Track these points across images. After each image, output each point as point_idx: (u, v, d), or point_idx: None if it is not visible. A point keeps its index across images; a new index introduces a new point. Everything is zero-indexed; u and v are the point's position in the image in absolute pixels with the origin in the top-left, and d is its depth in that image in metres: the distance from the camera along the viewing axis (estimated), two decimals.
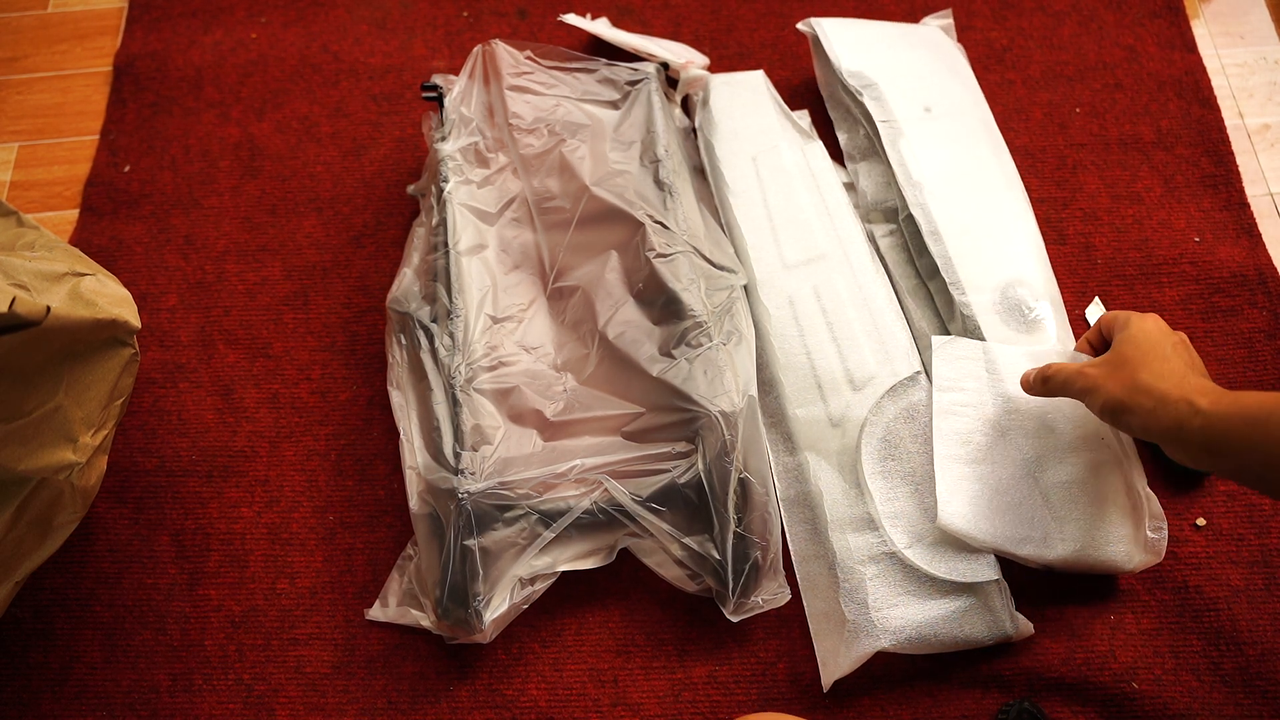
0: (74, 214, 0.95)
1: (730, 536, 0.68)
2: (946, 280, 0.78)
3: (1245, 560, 0.74)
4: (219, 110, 0.99)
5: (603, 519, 0.69)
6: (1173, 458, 0.61)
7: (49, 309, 0.59)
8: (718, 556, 0.68)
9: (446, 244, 0.78)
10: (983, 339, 0.75)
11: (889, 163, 0.84)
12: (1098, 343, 0.71)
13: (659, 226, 0.78)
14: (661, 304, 0.76)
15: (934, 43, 0.94)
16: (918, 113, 0.87)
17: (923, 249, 0.80)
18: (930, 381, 0.75)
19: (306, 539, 0.78)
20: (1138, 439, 0.73)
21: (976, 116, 0.90)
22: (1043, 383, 0.68)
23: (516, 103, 0.85)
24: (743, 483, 0.69)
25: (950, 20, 0.97)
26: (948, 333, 0.78)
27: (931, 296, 0.81)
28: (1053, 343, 0.76)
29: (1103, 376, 0.63)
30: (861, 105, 0.87)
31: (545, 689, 0.72)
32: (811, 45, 0.94)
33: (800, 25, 0.94)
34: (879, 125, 0.86)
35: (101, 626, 0.75)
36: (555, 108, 0.85)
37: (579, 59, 0.88)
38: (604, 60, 0.88)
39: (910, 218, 0.82)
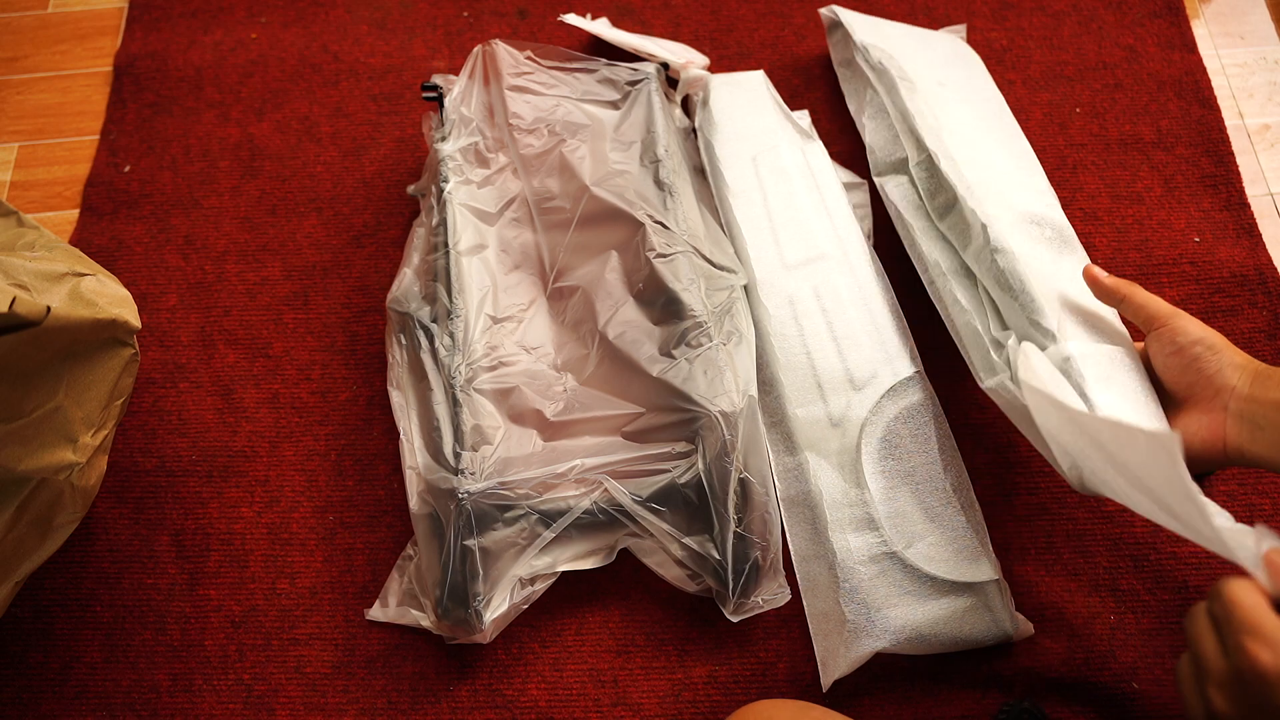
0: (74, 214, 0.95)
1: (730, 536, 0.68)
2: (965, 204, 0.72)
3: None
4: (219, 110, 0.99)
5: (603, 519, 0.69)
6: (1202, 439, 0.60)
7: (49, 309, 0.59)
8: (718, 556, 0.68)
9: (446, 244, 0.78)
10: (1006, 250, 0.69)
11: (902, 113, 0.81)
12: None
13: (659, 226, 0.78)
14: (661, 304, 0.76)
15: (951, 43, 0.94)
16: (933, 85, 0.86)
17: (936, 189, 0.76)
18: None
19: (306, 539, 0.78)
20: None
21: (992, 100, 0.89)
22: (1117, 291, 0.65)
23: (516, 103, 0.85)
24: (743, 483, 0.69)
25: (964, 32, 0.98)
26: (963, 263, 0.74)
27: (944, 235, 0.76)
28: (1082, 256, 0.75)
29: (1182, 314, 0.63)
30: (875, 67, 0.85)
31: (545, 689, 0.72)
32: (828, 30, 0.95)
33: (822, 10, 0.94)
34: (896, 81, 0.83)
35: (101, 626, 0.75)
36: (555, 108, 0.85)
37: (579, 59, 0.88)
38: (604, 60, 0.88)
39: (923, 162, 0.78)
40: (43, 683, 0.73)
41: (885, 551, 0.70)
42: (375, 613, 0.74)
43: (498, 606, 0.68)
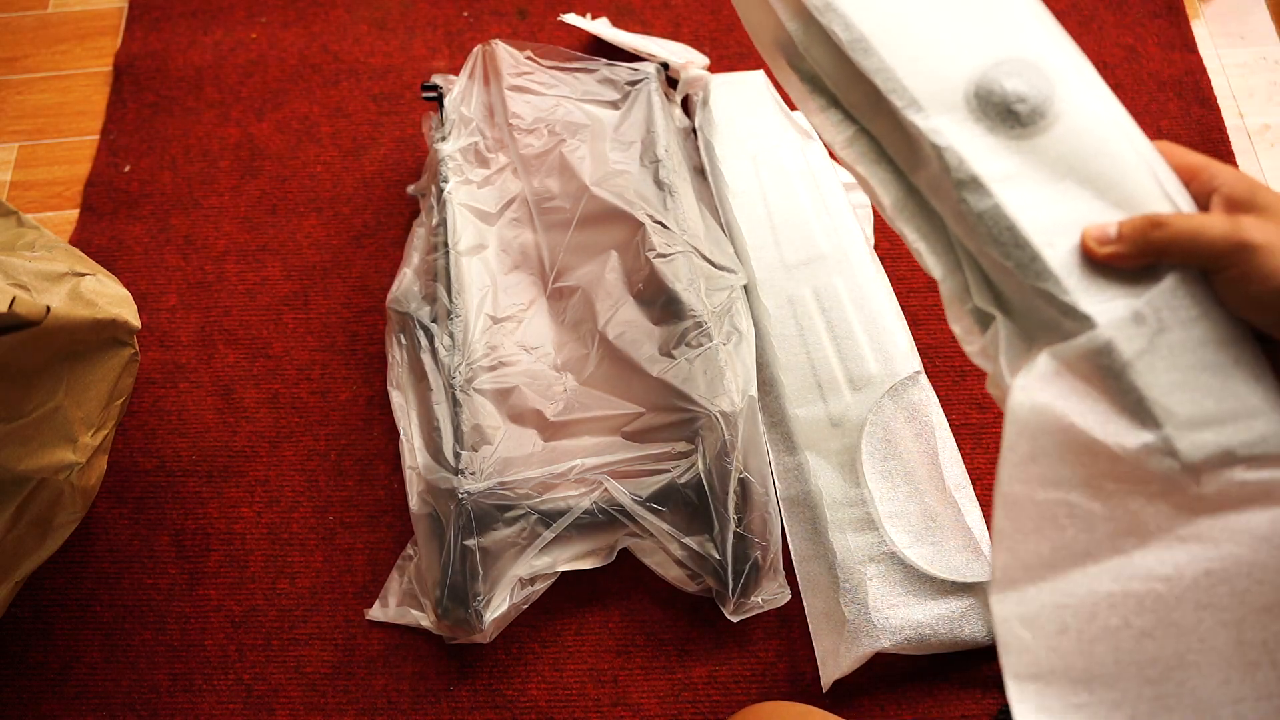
0: (74, 214, 0.95)
1: (730, 536, 0.68)
2: (894, 104, 0.46)
3: None
4: (219, 110, 0.99)
5: (603, 519, 0.69)
6: None
7: (49, 309, 0.59)
8: (718, 556, 0.68)
9: (446, 244, 0.78)
10: (969, 178, 0.44)
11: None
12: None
13: (659, 226, 0.78)
14: (661, 304, 0.76)
15: None
16: None
17: (852, 79, 0.49)
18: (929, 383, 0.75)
19: (306, 539, 0.78)
20: None
21: None
22: (1150, 230, 0.40)
23: (516, 103, 0.85)
24: (743, 483, 0.69)
25: None
26: (914, 191, 0.49)
27: (884, 154, 0.50)
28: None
29: (1272, 229, 0.38)
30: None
31: (545, 689, 0.72)
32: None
33: None
34: None
35: (101, 626, 0.75)
36: (555, 108, 0.85)
37: (579, 59, 0.88)
38: (604, 60, 0.88)
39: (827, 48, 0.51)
40: (43, 683, 0.73)
41: (885, 551, 0.70)
42: (375, 613, 0.74)
43: (498, 606, 0.68)
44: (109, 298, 0.68)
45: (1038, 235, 0.41)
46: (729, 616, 0.69)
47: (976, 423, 0.80)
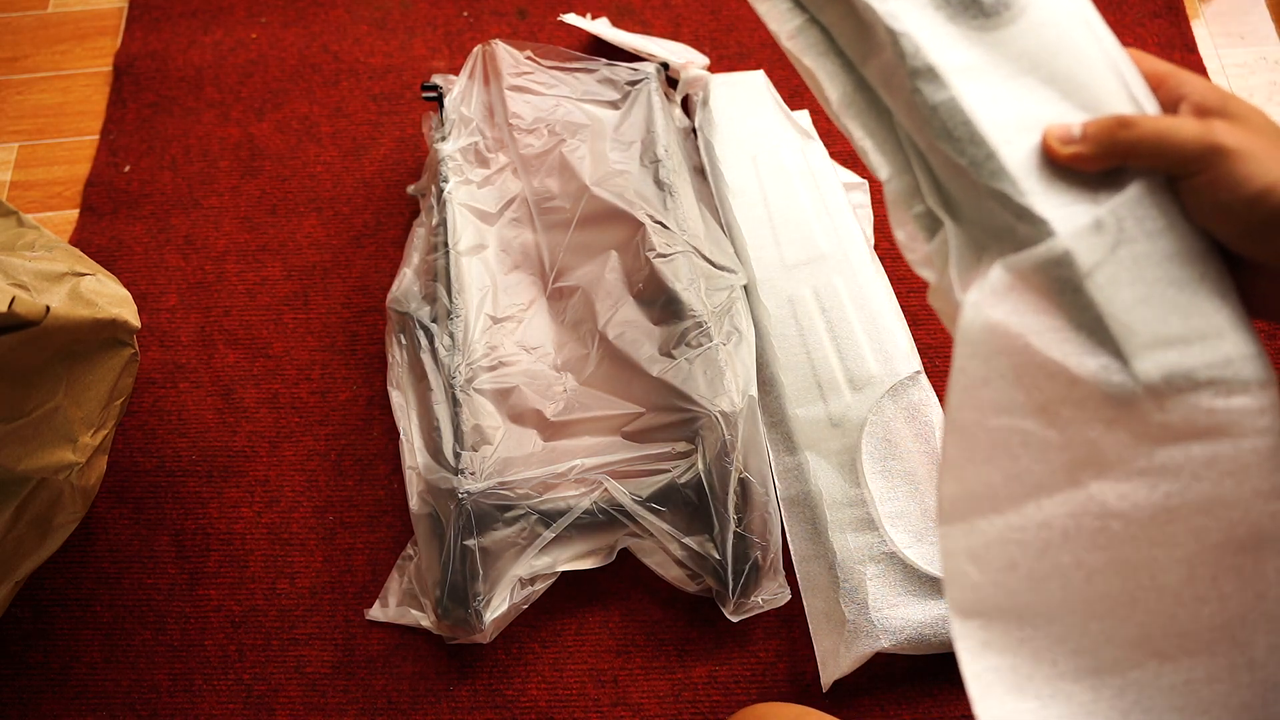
0: (74, 214, 0.95)
1: (730, 536, 0.68)
2: None
3: None
4: (219, 110, 0.99)
5: (603, 519, 0.69)
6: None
7: (49, 309, 0.59)
8: (718, 556, 0.68)
9: (446, 244, 0.78)
10: (925, 67, 0.40)
11: None
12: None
13: (659, 226, 0.78)
14: (661, 304, 0.76)
15: None
16: None
17: None
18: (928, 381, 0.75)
19: (306, 539, 0.78)
20: None
21: None
22: (1117, 130, 0.37)
23: (516, 103, 0.85)
24: (743, 483, 0.69)
25: None
26: (863, 85, 0.45)
27: (833, 45, 0.46)
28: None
29: (1244, 135, 0.35)
30: None
31: (545, 689, 0.72)
32: None
33: None
34: None
35: (101, 626, 0.75)
36: (555, 108, 0.85)
37: (579, 59, 0.88)
38: (604, 60, 0.88)
39: None
40: (43, 683, 0.73)
41: (885, 551, 0.70)
42: (375, 613, 0.74)
43: (498, 606, 0.68)
44: (109, 298, 0.68)
45: (996, 132, 0.38)
46: (729, 616, 0.69)
47: None
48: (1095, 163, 0.38)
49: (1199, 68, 0.97)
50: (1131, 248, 0.36)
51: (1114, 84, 0.39)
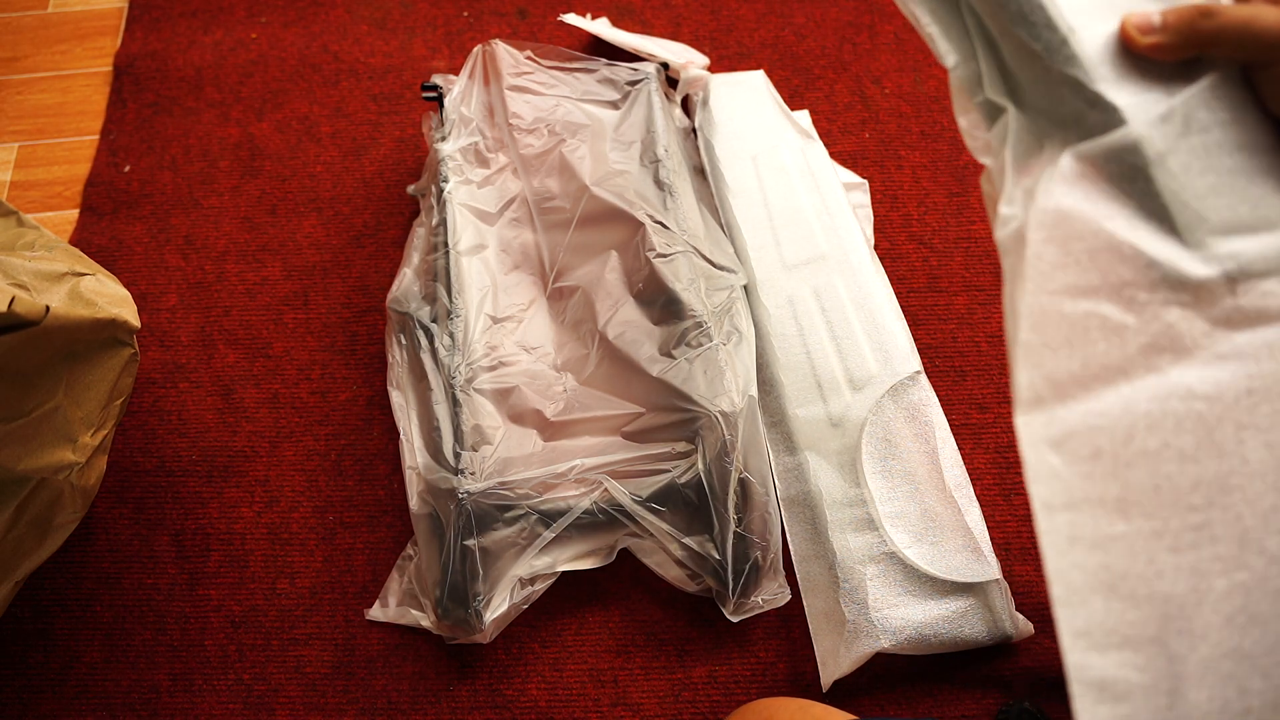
0: (74, 214, 0.95)
1: (730, 536, 0.68)
2: None
3: None
4: (219, 110, 0.99)
5: (603, 519, 0.69)
6: None
7: (49, 309, 0.59)
8: (718, 556, 0.68)
9: (446, 244, 0.78)
10: None
11: None
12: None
13: (659, 226, 0.78)
14: (661, 304, 0.76)
15: None
16: None
17: None
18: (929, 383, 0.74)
19: (306, 539, 0.78)
20: None
21: None
22: (1199, 20, 0.37)
23: (516, 103, 0.85)
24: (743, 483, 0.69)
25: None
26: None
27: None
28: None
29: None
30: None
31: (545, 689, 0.72)
32: None
33: None
34: None
35: (101, 626, 0.75)
36: (555, 108, 0.85)
37: (579, 59, 0.88)
38: (604, 60, 0.88)
39: None
40: (43, 683, 0.73)
41: (885, 551, 0.70)
42: (375, 613, 0.74)
43: (498, 606, 0.68)
44: (109, 298, 0.68)
45: (1072, 16, 0.38)
46: (729, 616, 0.69)
47: (976, 423, 0.80)
48: (1174, 52, 0.37)
49: None
50: (1202, 137, 0.36)
51: None
